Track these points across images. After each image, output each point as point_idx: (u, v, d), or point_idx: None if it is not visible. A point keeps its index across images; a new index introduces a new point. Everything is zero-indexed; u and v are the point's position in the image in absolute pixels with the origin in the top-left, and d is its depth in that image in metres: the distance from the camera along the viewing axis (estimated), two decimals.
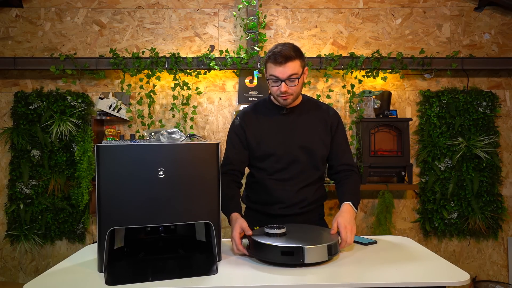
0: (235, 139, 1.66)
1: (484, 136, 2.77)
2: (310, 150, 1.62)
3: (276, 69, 1.50)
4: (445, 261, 1.29)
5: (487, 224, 2.78)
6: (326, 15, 2.87)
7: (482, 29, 2.88)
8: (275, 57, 1.49)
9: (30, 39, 2.80)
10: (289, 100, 1.57)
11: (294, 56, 1.50)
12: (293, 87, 1.53)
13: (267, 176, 1.64)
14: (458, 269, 1.20)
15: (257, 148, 1.63)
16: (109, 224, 1.17)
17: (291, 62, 1.49)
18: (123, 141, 1.29)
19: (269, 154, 1.62)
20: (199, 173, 1.23)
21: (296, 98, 1.60)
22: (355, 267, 1.23)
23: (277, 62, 1.49)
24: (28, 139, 2.72)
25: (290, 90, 1.53)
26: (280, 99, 1.57)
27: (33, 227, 2.72)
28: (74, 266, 1.28)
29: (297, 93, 1.58)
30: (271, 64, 1.51)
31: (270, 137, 1.63)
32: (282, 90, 1.52)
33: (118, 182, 1.16)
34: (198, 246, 1.39)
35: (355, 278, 1.14)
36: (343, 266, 1.24)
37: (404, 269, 1.21)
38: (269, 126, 1.64)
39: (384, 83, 2.84)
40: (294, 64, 1.50)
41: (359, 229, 2.87)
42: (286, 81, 1.51)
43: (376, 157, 2.69)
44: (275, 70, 1.51)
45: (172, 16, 2.84)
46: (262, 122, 1.65)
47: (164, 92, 2.83)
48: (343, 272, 1.19)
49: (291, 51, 1.50)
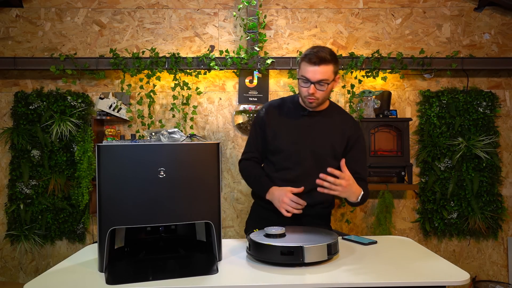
0: (258, 130, 1.73)
1: (484, 136, 2.77)
2: (318, 155, 1.64)
3: (309, 70, 1.52)
4: (445, 261, 1.29)
5: (487, 224, 2.78)
6: (326, 15, 2.87)
7: (482, 29, 2.88)
8: (310, 57, 1.52)
9: (30, 39, 2.80)
10: (314, 104, 1.60)
11: (329, 60, 1.52)
12: (321, 91, 1.56)
13: (274, 172, 1.68)
14: (458, 269, 1.20)
15: (271, 142, 1.68)
16: (109, 224, 1.17)
17: (324, 66, 1.51)
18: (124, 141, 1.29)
19: (280, 150, 1.66)
20: (200, 173, 1.23)
21: (321, 103, 1.63)
22: (355, 267, 1.23)
23: (311, 62, 1.51)
24: (28, 139, 2.72)
25: (317, 94, 1.56)
26: (306, 100, 1.60)
27: (33, 227, 2.72)
28: (75, 266, 1.28)
29: (323, 99, 1.60)
30: (305, 63, 1.54)
31: (285, 134, 1.66)
32: (310, 92, 1.54)
33: (119, 182, 1.17)
34: (198, 246, 1.39)
35: (355, 278, 1.14)
36: (343, 266, 1.24)
37: (404, 269, 1.21)
38: (288, 124, 1.67)
39: (384, 83, 2.84)
40: (327, 68, 1.52)
41: (359, 229, 2.87)
42: (316, 84, 1.53)
43: (376, 157, 2.70)
44: (307, 70, 1.53)
45: (172, 16, 2.84)
46: (283, 118, 1.69)
47: (164, 92, 2.83)
48: (343, 272, 1.19)
49: (327, 54, 1.52)
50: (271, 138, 1.68)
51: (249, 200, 2.83)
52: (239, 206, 2.87)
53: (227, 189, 2.86)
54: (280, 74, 2.86)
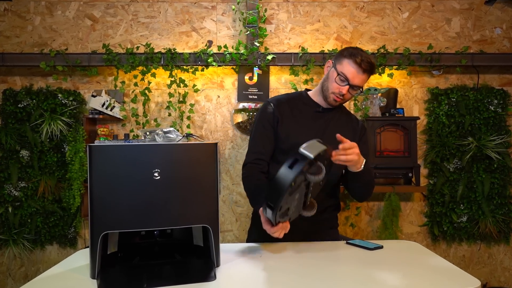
0: (268, 127, 1.66)
1: (495, 136, 2.77)
2: None
3: (353, 71, 1.56)
4: (454, 266, 1.29)
5: (498, 228, 2.78)
6: (329, 9, 2.87)
7: (493, 23, 2.88)
8: (360, 60, 1.54)
9: (19, 34, 2.80)
10: (338, 103, 1.65)
11: (373, 72, 1.60)
12: (350, 95, 1.62)
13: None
14: (468, 275, 1.20)
15: (285, 140, 1.64)
16: (102, 228, 1.17)
17: (367, 75, 1.58)
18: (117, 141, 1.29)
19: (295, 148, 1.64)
20: (197, 175, 1.23)
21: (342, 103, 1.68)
22: (360, 272, 1.23)
23: (360, 66, 1.54)
24: (17, 139, 2.72)
25: (347, 96, 1.62)
26: (333, 96, 1.62)
27: (22, 231, 2.72)
28: (65, 272, 1.28)
29: (345, 101, 1.67)
30: (352, 63, 1.55)
31: (300, 131, 1.64)
32: (343, 91, 1.58)
33: (112, 184, 1.16)
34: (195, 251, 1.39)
35: (360, 284, 1.14)
36: (347, 272, 1.24)
37: (412, 275, 1.21)
38: (303, 121, 1.67)
39: (390, 80, 2.84)
40: (367, 77, 1.60)
41: (364, 233, 2.87)
42: (351, 88, 1.59)
43: (382, 158, 2.70)
44: (351, 71, 1.56)
45: (168, 9, 2.84)
46: (296, 116, 1.68)
47: (159, 90, 2.83)
48: (347, 278, 1.19)
49: (374, 66, 1.58)
50: (284, 137, 1.64)
51: (248, 203, 2.83)
52: (238, 209, 2.87)
53: (225, 192, 2.86)
54: (281, 71, 2.86)
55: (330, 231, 1.72)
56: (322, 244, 1.56)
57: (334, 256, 1.42)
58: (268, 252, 1.45)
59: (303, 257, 1.39)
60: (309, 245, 1.53)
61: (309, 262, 1.33)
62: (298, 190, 1.24)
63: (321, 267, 1.28)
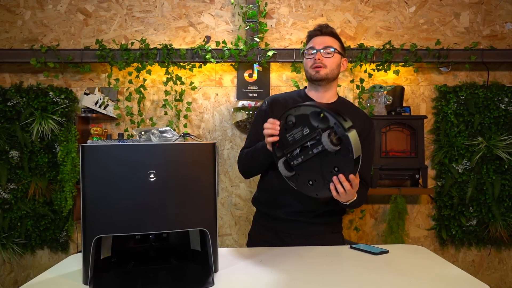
0: (260, 124, 1.68)
1: (506, 135, 2.77)
2: None
3: (314, 40, 1.64)
4: (463, 272, 1.29)
5: (509, 232, 2.78)
6: (332, 3, 2.87)
7: (504, 18, 2.88)
8: (314, 29, 1.66)
9: (8, 29, 2.80)
10: (322, 72, 1.62)
11: (334, 34, 1.66)
12: (328, 59, 1.62)
13: (278, 173, 1.65)
14: (478, 281, 1.20)
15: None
16: (95, 232, 1.17)
17: (330, 37, 1.64)
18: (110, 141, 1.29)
19: None
20: (194, 176, 1.23)
21: (329, 75, 1.63)
22: (365, 278, 1.23)
23: (316, 32, 1.65)
24: (6, 139, 2.72)
25: (324, 61, 1.61)
26: (312, 71, 1.63)
27: (11, 235, 2.72)
28: (57, 277, 1.28)
29: (331, 69, 1.63)
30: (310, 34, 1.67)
31: None
32: (316, 57, 1.61)
33: (105, 186, 1.16)
34: (192, 256, 1.39)
35: None
36: (351, 278, 1.24)
37: (419, 282, 1.21)
38: None
39: (396, 77, 2.84)
40: (332, 40, 1.64)
41: (368, 237, 2.87)
42: (322, 52, 1.62)
43: (387, 159, 2.70)
44: (312, 42, 1.65)
45: (164, 3, 2.84)
46: None
47: (155, 87, 2.83)
48: (351, 284, 1.19)
49: (332, 29, 1.66)
50: None
51: (248, 205, 2.84)
52: (238, 212, 2.87)
53: (224, 194, 2.86)
54: (283, 68, 2.86)
55: (333, 235, 1.72)
56: (325, 248, 1.56)
57: (337, 261, 1.42)
58: (268, 256, 1.45)
59: (306, 262, 1.39)
60: (312, 250, 1.53)
61: (312, 268, 1.33)
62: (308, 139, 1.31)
63: (324, 272, 1.28)
